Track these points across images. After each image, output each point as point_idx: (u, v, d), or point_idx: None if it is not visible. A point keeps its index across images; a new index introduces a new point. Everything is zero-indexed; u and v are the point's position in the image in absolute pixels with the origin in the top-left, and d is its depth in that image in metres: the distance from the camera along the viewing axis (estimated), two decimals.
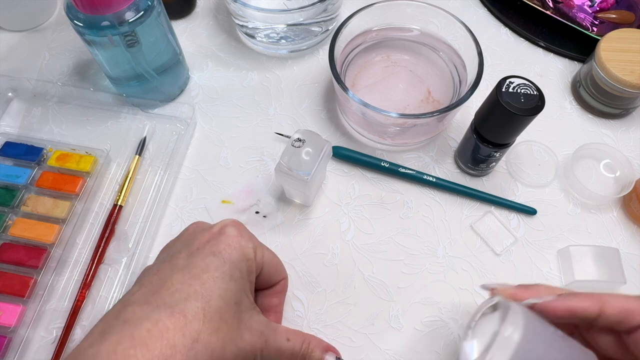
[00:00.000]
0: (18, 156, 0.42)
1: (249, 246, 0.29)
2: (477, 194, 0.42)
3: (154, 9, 0.38)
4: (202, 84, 0.49)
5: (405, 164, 0.43)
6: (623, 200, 0.42)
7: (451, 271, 0.39)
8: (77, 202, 0.41)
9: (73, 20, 0.37)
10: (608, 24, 0.50)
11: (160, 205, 0.41)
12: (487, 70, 0.47)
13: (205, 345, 0.24)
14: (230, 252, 0.28)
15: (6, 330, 0.35)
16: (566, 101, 0.48)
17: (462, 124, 0.46)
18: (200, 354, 0.24)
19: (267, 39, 0.49)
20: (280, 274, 0.33)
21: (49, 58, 0.51)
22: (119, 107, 0.46)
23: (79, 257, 0.39)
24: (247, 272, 0.29)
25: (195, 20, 0.53)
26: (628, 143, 0.46)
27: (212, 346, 0.24)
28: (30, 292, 0.36)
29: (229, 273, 0.27)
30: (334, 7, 0.48)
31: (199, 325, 0.24)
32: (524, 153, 0.45)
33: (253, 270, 0.29)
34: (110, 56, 0.40)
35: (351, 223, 0.41)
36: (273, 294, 0.33)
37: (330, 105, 0.47)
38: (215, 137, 0.46)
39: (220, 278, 0.27)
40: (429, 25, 0.46)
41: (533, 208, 0.41)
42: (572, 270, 0.37)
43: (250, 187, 0.42)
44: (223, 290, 0.26)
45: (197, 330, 0.24)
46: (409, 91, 0.45)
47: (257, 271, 0.30)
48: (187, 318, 0.24)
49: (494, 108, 0.35)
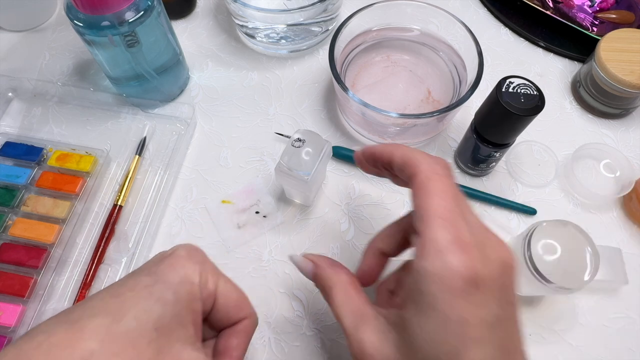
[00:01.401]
0: (18, 156, 0.42)
1: (194, 269, 0.25)
2: (477, 194, 0.42)
3: (154, 9, 0.38)
4: (202, 84, 0.49)
5: None
6: (623, 200, 0.42)
7: None
8: (77, 202, 0.41)
9: (73, 20, 0.37)
10: (608, 24, 0.50)
11: (160, 205, 0.41)
12: (487, 70, 0.47)
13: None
14: (168, 272, 0.25)
15: (6, 330, 0.35)
16: (566, 101, 0.48)
17: (462, 124, 0.46)
18: None
19: (267, 39, 0.49)
20: (242, 310, 0.28)
21: (49, 58, 0.51)
22: (119, 107, 0.46)
23: (79, 257, 0.39)
24: (186, 297, 0.24)
25: (195, 20, 0.53)
26: (628, 143, 0.46)
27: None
28: (30, 292, 0.36)
29: (158, 294, 0.24)
30: (334, 7, 0.48)
31: (95, 344, 0.21)
32: (524, 153, 0.45)
33: (197, 297, 0.25)
34: (110, 56, 0.40)
35: (351, 223, 0.41)
36: (232, 334, 0.28)
37: (330, 105, 0.47)
38: (215, 137, 0.46)
39: (144, 298, 0.23)
40: (429, 25, 0.46)
41: (533, 208, 0.41)
42: None
43: (250, 187, 0.42)
44: (141, 311, 0.23)
45: (90, 349, 0.21)
46: (409, 91, 0.45)
47: (208, 301, 0.26)
48: (83, 335, 0.21)
49: (494, 108, 0.35)
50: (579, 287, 0.31)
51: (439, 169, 0.24)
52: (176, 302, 0.24)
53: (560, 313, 0.37)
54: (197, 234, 0.41)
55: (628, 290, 0.38)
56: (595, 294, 0.38)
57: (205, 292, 0.26)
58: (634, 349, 0.36)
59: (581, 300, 0.38)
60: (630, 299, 0.38)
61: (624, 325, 0.37)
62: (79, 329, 0.22)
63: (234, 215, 0.41)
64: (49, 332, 0.22)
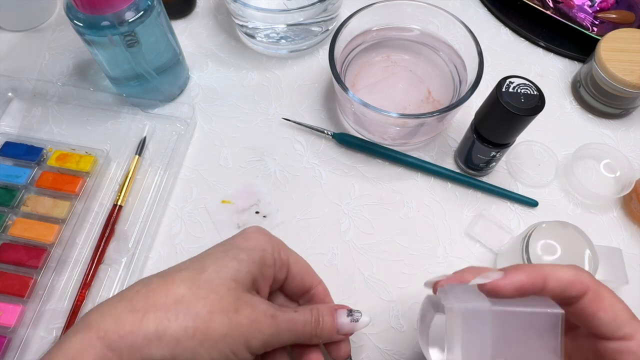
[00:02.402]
0: (18, 156, 0.42)
1: (265, 240, 0.29)
2: (480, 185, 0.42)
3: (154, 9, 0.38)
4: (202, 84, 0.49)
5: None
6: (623, 200, 0.42)
7: (451, 271, 0.39)
8: (77, 202, 0.40)
9: (73, 20, 0.37)
10: (608, 24, 0.50)
11: (160, 205, 0.41)
12: (487, 70, 0.47)
13: (187, 307, 0.25)
14: (241, 241, 0.29)
15: (6, 330, 0.35)
16: (566, 101, 0.48)
17: (462, 124, 0.46)
18: (181, 313, 0.25)
19: (267, 39, 0.49)
20: (313, 276, 0.32)
21: (49, 58, 0.51)
22: (119, 107, 0.46)
23: (79, 257, 0.39)
24: (259, 261, 0.28)
25: (195, 20, 0.53)
26: (628, 143, 0.46)
27: (196, 310, 0.25)
28: (30, 292, 0.36)
29: (233, 255, 0.28)
30: (334, 7, 0.48)
31: (184, 289, 0.26)
32: (524, 153, 0.45)
33: (269, 264, 0.29)
34: (110, 56, 0.40)
35: (351, 223, 0.41)
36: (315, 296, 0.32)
37: (330, 105, 0.47)
38: (215, 137, 0.45)
39: (221, 258, 0.28)
40: (429, 25, 0.46)
41: (534, 200, 0.41)
42: None
43: (250, 187, 0.42)
44: (220, 266, 0.27)
45: (182, 293, 0.25)
46: (409, 91, 0.45)
47: (282, 270, 0.30)
48: (174, 283, 0.26)
49: (494, 108, 0.35)
50: None
51: (588, 275, 0.23)
52: (250, 262, 0.28)
53: None
54: (197, 234, 0.41)
55: (628, 290, 0.38)
56: None
57: (279, 262, 0.30)
58: None
59: None
60: (630, 299, 0.38)
61: None
62: (170, 279, 0.26)
63: (234, 215, 0.41)
64: (145, 283, 0.26)
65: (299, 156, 0.44)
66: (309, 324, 0.28)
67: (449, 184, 0.43)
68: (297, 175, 0.43)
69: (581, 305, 0.23)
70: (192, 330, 0.25)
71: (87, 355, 0.23)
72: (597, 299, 0.22)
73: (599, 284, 0.23)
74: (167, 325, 0.24)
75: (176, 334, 0.24)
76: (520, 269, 0.23)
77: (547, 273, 0.23)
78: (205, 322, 0.25)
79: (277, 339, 0.27)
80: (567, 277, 0.23)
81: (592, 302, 0.23)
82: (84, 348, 0.23)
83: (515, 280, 0.22)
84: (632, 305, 0.37)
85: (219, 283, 0.26)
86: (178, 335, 0.24)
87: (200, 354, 0.25)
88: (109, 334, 0.24)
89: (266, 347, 0.27)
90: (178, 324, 0.24)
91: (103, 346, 0.24)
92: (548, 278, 0.23)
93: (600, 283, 0.23)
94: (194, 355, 0.25)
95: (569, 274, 0.23)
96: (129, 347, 0.24)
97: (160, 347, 0.24)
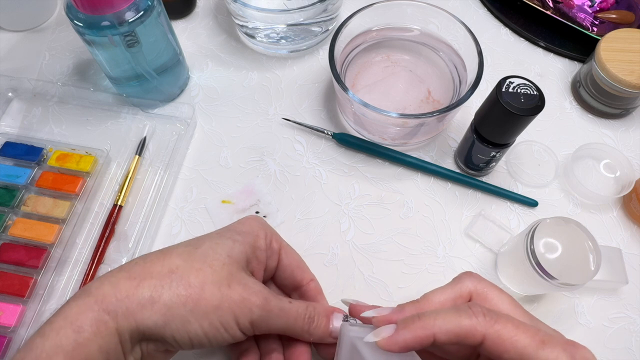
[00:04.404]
0: (18, 156, 0.42)
1: (259, 227, 0.31)
2: (480, 185, 0.42)
3: (154, 9, 0.38)
4: (202, 84, 0.49)
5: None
6: (623, 200, 0.42)
7: (451, 271, 0.39)
8: (77, 202, 0.41)
9: (73, 20, 0.37)
10: (608, 24, 0.50)
11: (160, 205, 0.41)
12: (487, 70, 0.47)
13: (181, 276, 0.26)
14: (237, 225, 0.31)
15: (6, 330, 0.35)
16: (566, 101, 0.48)
17: (462, 124, 0.46)
18: (175, 282, 0.26)
19: (267, 39, 0.49)
20: (305, 272, 0.33)
21: (49, 58, 0.51)
22: (119, 107, 0.46)
23: (79, 257, 0.39)
24: (252, 243, 0.30)
25: (195, 20, 0.53)
26: (628, 143, 0.46)
27: (189, 280, 0.26)
28: (30, 292, 0.36)
29: (228, 235, 0.29)
30: (334, 7, 0.48)
31: (179, 261, 0.27)
32: (524, 153, 0.45)
33: (261, 248, 0.30)
34: (110, 56, 0.40)
35: (351, 223, 0.41)
36: (307, 292, 0.33)
37: (330, 105, 0.47)
38: (215, 137, 0.46)
39: (217, 237, 0.29)
40: (429, 25, 0.46)
41: (534, 200, 0.42)
42: None
43: (250, 187, 0.42)
44: (215, 243, 0.28)
45: (177, 264, 0.27)
46: (409, 91, 0.45)
47: (273, 258, 0.31)
48: (171, 256, 0.27)
49: (494, 108, 0.35)
50: (582, 283, 0.31)
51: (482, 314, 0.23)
52: (244, 243, 0.29)
53: (560, 313, 0.37)
54: (197, 234, 0.40)
55: (628, 290, 0.38)
56: (595, 294, 0.38)
57: (270, 250, 0.31)
58: (634, 349, 0.36)
59: (581, 300, 0.38)
60: (630, 299, 0.38)
61: (624, 325, 0.37)
62: (167, 253, 0.28)
63: (234, 215, 0.41)
64: (144, 257, 0.28)
65: (299, 156, 0.44)
66: (301, 318, 0.29)
67: (449, 184, 0.43)
68: (297, 175, 0.43)
69: (484, 349, 0.23)
70: (184, 298, 0.26)
71: (85, 317, 0.24)
72: (498, 342, 0.22)
73: (495, 319, 0.22)
74: (160, 292, 0.25)
75: (169, 301, 0.25)
76: (407, 326, 0.23)
77: (437, 329, 0.23)
78: (197, 292, 0.26)
79: (267, 323, 0.28)
80: (457, 331, 0.22)
81: (494, 346, 0.22)
82: (82, 311, 0.25)
83: (400, 340, 0.23)
84: (632, 305, 0.37)
85: (214, 257, 0.27)
86: (170, 303, 0.25)
87: (191, 323, 0.26)
88: (106, 297, 0.25)
89: (255, 328, 0.27)
90: (171, 291, 0.26)
91: (101, 309, 0.25)
92: (438, 334, 0.23)
93: (498, 317, 0.23)
94: (185, 323, 0.25)
95: (460, 326, 0.22)
96: (124, 311, 0.25)
97: (153, 312, 0.25)
